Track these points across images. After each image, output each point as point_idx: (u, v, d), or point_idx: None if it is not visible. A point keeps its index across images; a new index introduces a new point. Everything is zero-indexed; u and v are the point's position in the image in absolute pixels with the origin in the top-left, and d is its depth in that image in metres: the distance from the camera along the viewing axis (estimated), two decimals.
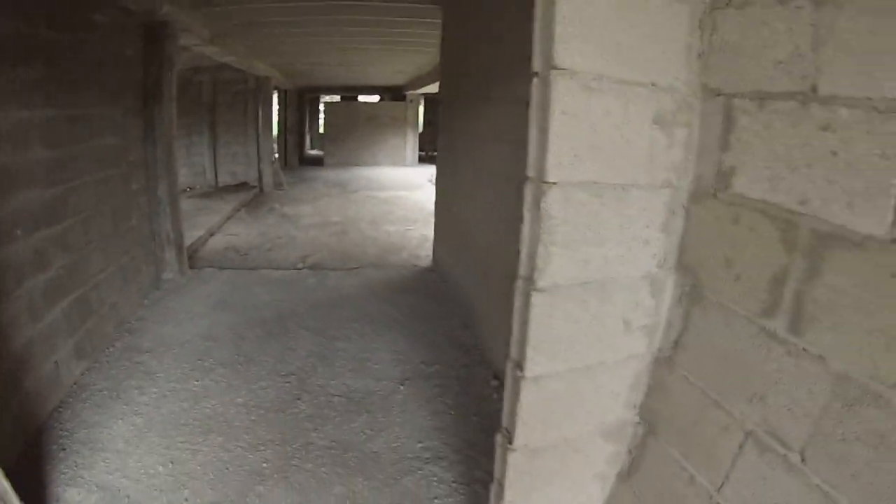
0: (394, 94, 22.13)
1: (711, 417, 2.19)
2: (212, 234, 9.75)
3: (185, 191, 12.64)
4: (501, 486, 2.63)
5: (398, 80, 18.35)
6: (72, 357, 4.81)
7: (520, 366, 2.33)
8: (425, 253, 8.78)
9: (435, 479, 3.54)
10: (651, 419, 2.58)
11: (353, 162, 21.31)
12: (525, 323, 2.26)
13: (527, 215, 2.17)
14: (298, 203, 12.64)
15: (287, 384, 4.75)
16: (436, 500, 3.38)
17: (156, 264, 7.07)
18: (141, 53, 6.59)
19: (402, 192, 15.45)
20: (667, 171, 2.21)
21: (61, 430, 4.08)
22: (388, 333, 5.61)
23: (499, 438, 2.59)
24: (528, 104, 2.09)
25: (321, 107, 25.98)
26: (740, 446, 2.04)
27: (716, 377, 2.18)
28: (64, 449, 3.89)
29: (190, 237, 8.45)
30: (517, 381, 2.38)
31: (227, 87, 14.51)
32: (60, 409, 4.33)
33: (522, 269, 2.24)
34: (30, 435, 3.98)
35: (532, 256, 2.16)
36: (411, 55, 11.47)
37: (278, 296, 6.82)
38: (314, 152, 24.17)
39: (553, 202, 2.06)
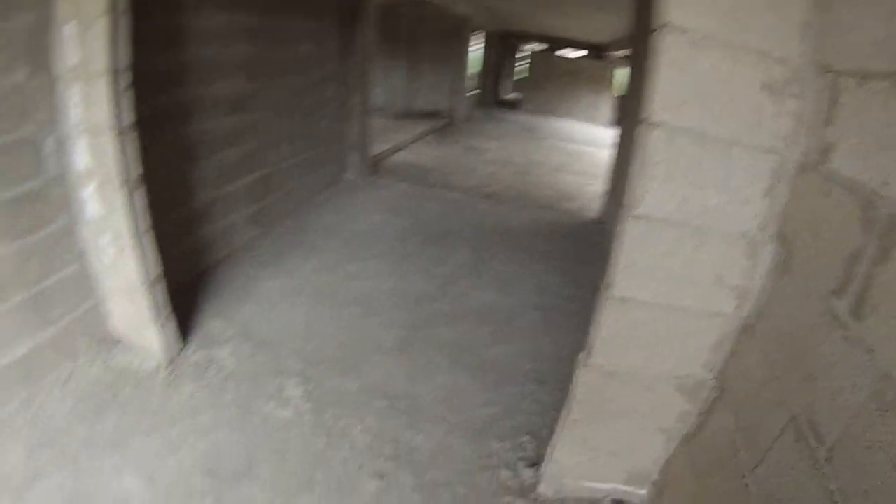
0: (596, 51, 21.85)
1: (768, 393, 2.11)
2: (397, 151, 10.28)
3: (379, 110, 13.31)
4: (572, 402, 2.71)
5: (599, 38, 17.97)
6: (246, 223, 5.48)
7: (609, 286, 2.43)
8: (597, 207, 8.69)
9: (532, 396, 3.66)
10: (723, 385, 2.51)
11: (547, 111, 21.21)
12: (620, 245, 2.36)
13: (637, 152, 2.27)
14: (485, 139, 12.89)
15: (433, 284, 5.06)
16: (525, 415, 3.52)
17: (341, 164, 7.65)
18: None
19: (588, 147, 15.21)
20: (773, 138, 2.17)
21: (222, 277, 4.74)
22: (540, 266, 5.71)
23: (581, 355, 2.65)
24: None
25: (522, 53, 26.04)
26: (782, 429, 1.93)
27: (782, 352, 2.09)
28: (219, 291, 4.54)
29: (376, 149, 9.01)
30: (605, 301, 2.45)
31: (427, 22, 14.93)
32: (226, 262, 4.98)
33: (626, 199, 2.32)
34: (196, 276, 4.65)
35: (634, 188, 2.27)
36: (609, 16, 11.16)
37: (447, 213, 7.16)
38: (510, 96, 24.24)
39: (656, 140, 2.19)
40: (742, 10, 2.06)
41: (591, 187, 10.16)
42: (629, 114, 6.75)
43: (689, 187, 2.22)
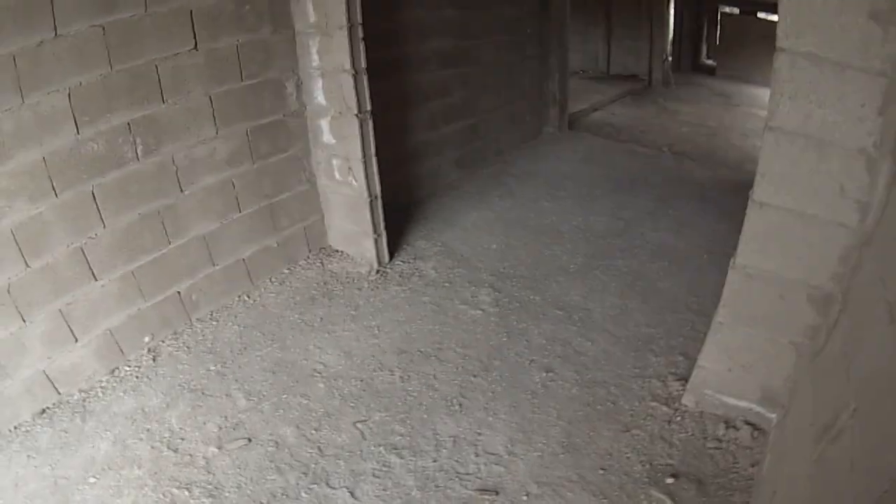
0: None
1: (873, 296, 2.18)
2: (595, 110, 10.40)
3: (577, 73, 13.36)
4: (719, 306, 2.99)
5: None
6: (452, 165, 6.18)
7: (752, 192, 2.70)
8: None
9: (691, 324, 3.89)
10: (847, 299, 2.56)
11: (744, 77, 19.16)
12: (761, 156, 2.67)
13: (772, 75, 2.53)
14: (680, 102, 12.48)
15: (616, 223, 5.41)
16: (681, 338, 3.78)
17: (540, 118, 8.06)
18: None
19: None
20: (882, 62, 2.29)
21: (429, 208, 5.48)
22: (715, 217, 5.70)
23: (730, 261, 2.89)
24: None
25: (719, 18, 24.25)
26: (878, 317, 2.00)
27: (889, 256, 2.17)
28: (426, 218, 5.29)
29: (574, 107, 9.23)
30: (749, 206, 2.73)
31: None
32: (433, 197, 5.71)
33: (766, 116, 2.59)
34: (407, 205, 5.41)
35: (770, 104, 2.55)
36: None
37: (635, 165, 7.32)
38: (709, 62, 22.70)
39: (783, 64, 2.47)
40: None
41: None
42: None
43: (811, 104, 2.45)
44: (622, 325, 3.87)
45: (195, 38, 3.45)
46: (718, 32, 21.92)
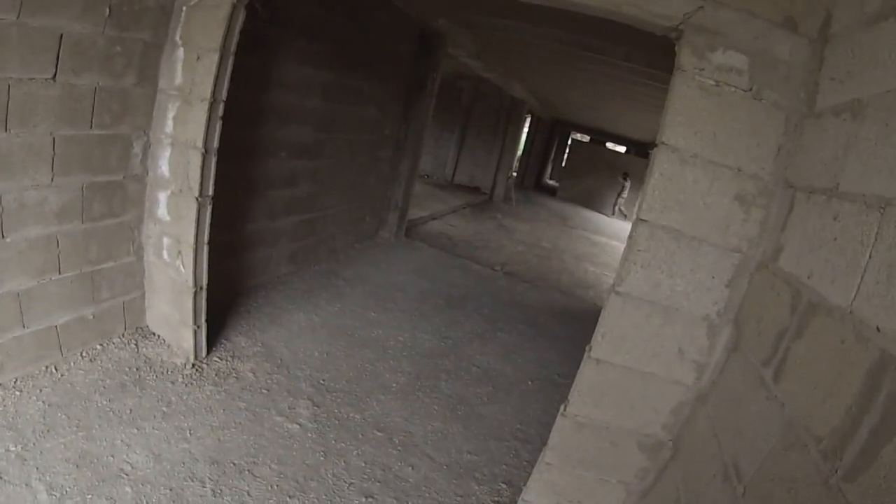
0: (641, 148, 21.93)
1: (709, 448, 2.42)
2: (433, 219, 10.78)
3: (424, 176, 13.88)
4: (547, 448, 3.08)
5: (644, 136, 18.43)
6: (284, 258, 5.99)
7: (590, 348, 2.84)
8: None
9: (514, 452, 3.98)
10: (678, 446, 2.81)
11: (583, 202, 21.09)
12: (603, 315, 2.80)
13: (628, 240, 2.73)
14: (518, 220, 13.30)
15: (443, 343, 5.44)
16: (504, 465, 3.83)
17: (378, 221, 8.16)
18: (413, 52, 7.78)
19: (615, 241, 15.55)
20: (739, 240, 2.58)
21: (254, 302, 5.20)
22: (544, 342, 6.04)
23: (561, 407, 3.00)
24: None
25: (569, 142, 26.07)
26: (714, 475, 2.24)
27: (722, 414, 2.44)
28: (249, 312, 5.00)
29: (414, 214, 9.50)
30: (585, 360, 2.87)
31: (484, 99, 15.63)
32: (260, 290, 5.44)
33: (614, 280, 2.76)
34: (232, 296, 5.11)
35: (620, 269, 2.73)
36: (651, 114, 11.64)
37: (468, 283, 7.57)
38: (551, 182, 24.32)
39: (641, 234, 2.65)
40: (726, 135, 2.53)
41: (608, 279, 10.48)
42: None
43: (662, 274, 2.66)
44: (444, 451, 3.82)
45: (57, 66, 3.07)
46: (566, 156, 23.25)
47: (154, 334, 4.23)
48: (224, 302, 4.89)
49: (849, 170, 1.92)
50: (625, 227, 19.17)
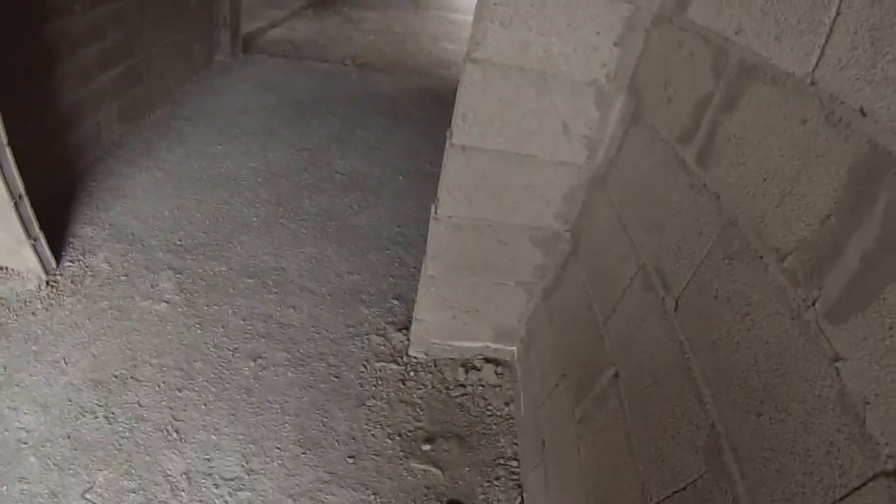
0: None
1: (618, 244, 1.91)
2: (273, 27, 9.08)
3: None
4: (427, 258, 2.49)
5: None
6: (114, 119, 4.69)
7: (450, 134, 2.14)
8: None
9: (398, 260, 3.46)
10: (578, 238, 2.30)
11: None
12: (461, 94, 2.06)
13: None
14: (365, 9, 11.56)
15: (299, 157, 4.60)
16: (391, 278, 3.33)
17: (210, 45, 6.67)
18: None
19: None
20: None
21: (92, 181, 4.09)
22: (408, 131, 5.28)
23: (432, 209, 2.37)
24: None
25: None
26: (631, 279, 1.75)
27: (630, 201, 1.89)
28: (90, 195, 3.93)
29: (251, 27, 7.92)
30: (448, 150, 2.17)
31: None
32: (96, 164, 4.30)
33: (468, 45, 1.99)
34: (65, 183, 3.99)
35: (474, 30, 1.94)
36: None
37: (317, 85, 6.45)
38: None
39: None
40: None
41: None
42: None
43: (532, 32, 1.90)
44: (323, 280, 3.27)
45: None
46: None
47: (2, 268, 3.30)
48: (61, 196, 3.87)
49: None
50: None
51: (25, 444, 2.44)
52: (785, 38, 1.18)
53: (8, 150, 2.86)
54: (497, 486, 2.40)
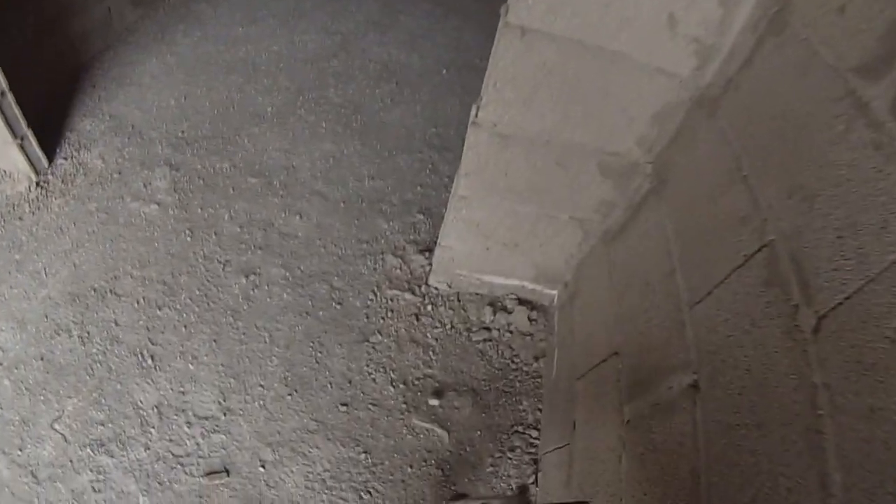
0: None
1: (731, 198, 1.30)
2: None
3: None
4: (460, 174, 1.94)
5: None
6: (126, 3, 4.22)
7: (506, 9, 1.50)
8: None
9: (430, 166, 2.93)
10: (662, 176, 1.69)
11: None
12: None
13: None
14: None
15: (329, 41, 4.01)
16: (419, 188, 2.81)
17: None
18: None
19: None
20: None
21: (99, 69, 3.69)
22: (459, 21, 4.52)
23: (472, 111, 1.79)
24: None
25: None
26: (746, 258, 1.17)
27: (758, 144, 1.26)
28: (94, 85, 3.55)
29: None
30: (500, 32, 1.54)
31: None
32: (105, 52, 3.87)
33: None
34: (70, 74, 3.61)
35: None
36: None
37: None
38: None
39: None
40: None
41: None
42: None
43: None
44: (339, 183, 2.79)
45: None
46: None
47: None
48: (63, 87, 3.50)
49: None
50: None
51: (1, 364, 2.24)
52: None
53: None
54: (510, 458, 2.00)
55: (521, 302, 2.28)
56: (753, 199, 1.21)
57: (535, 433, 2.04)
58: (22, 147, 2.84)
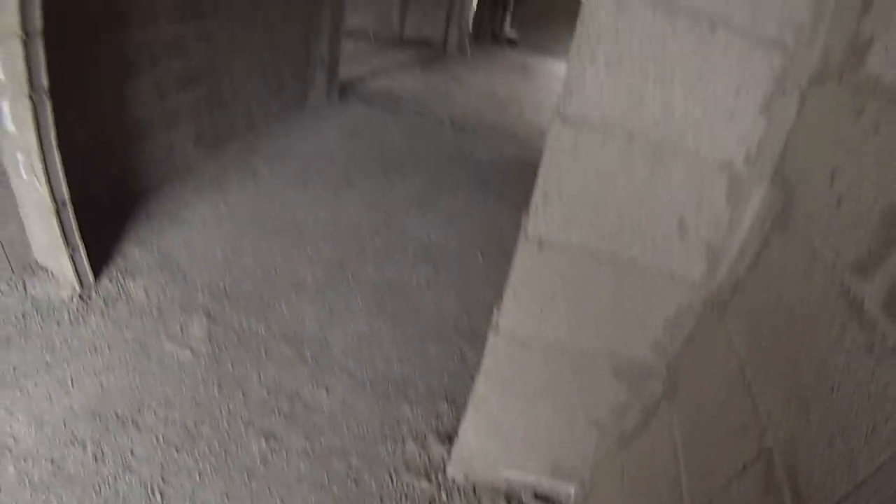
0: None
1: (734, 406, 1.38)
2: (375, 76, 9.38)
3: (368, 36, 12.31)
4: (479, 374, 2.14)
5: None
6: (189, 142, 4.79)
7: (525, 224, 1.72)
8: None
9: (458, 354, 3.21)
10: (675, 380, 1.81)
11: (546, 51, 18.66)
12: (544, 165, 1.62)
13: (577, 26, 1.43)
14: (474, 71, 11.75)
15: (374, 216, 4.53)
16: (446, 376, 3.07)
17: (304, 84, 6.89)
18: None
19: None
20: (780, 25, 1.36)
21: (155, 201, 4.15)
22: (496, 205, 5.12)
23: (493, 316, 1.97)
24: None
25: None
26: (745, 466, 1.23)
27: (761, 348, 1.36)
28: (148, 215, 3.96)
29: (352, 73, 8.22)
30: (520, 244, 1.74)
31: None
32: (163, 184, 4.36)
33: (558, 98, 1.53)
34: (129, 197, 4.04)
35: (568, 76, 1.47)
36: None
37: (409, 141, 6.50)
38: (512, 35, 22.07)
39: (598, 6, 1.38)
40: None
41: None
42: None
43: (647, 79, 1.43)
44: (368, 363, 3.07)
45: None
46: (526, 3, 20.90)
47: (43, 268, 3.33)
48: (117, 210, 3.92)
49: None
50: None
51: (10, 451, 2.35)
52: None
53: (56, 155, 2.94)
54: None
55: (538, 496, 2.42)
56: (755, 408, 1.27)
57: None
58: (72, 258, 3.18)
